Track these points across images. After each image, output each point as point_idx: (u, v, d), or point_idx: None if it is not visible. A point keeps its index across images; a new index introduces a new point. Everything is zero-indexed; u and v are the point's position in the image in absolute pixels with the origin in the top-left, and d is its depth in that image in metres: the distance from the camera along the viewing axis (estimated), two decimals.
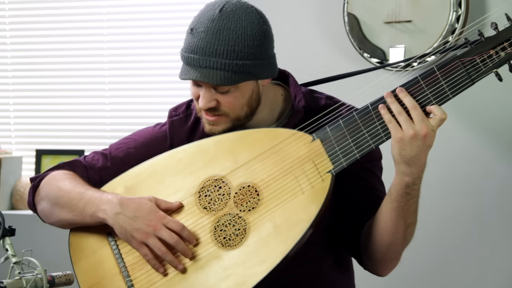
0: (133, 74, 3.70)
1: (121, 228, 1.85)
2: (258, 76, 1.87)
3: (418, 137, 1.73)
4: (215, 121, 1.90)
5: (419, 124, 1.73)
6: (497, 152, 3.09)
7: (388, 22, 3.10)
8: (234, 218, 1.84)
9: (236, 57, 1.82)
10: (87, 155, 2.08)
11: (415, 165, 1.75)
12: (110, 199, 1.87)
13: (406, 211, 1.82)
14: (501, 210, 3.09)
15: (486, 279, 3.11)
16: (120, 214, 1.84)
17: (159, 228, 1.81)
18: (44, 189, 2.01)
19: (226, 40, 1.81)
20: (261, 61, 1.86)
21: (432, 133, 1.74)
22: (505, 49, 1.73)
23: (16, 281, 1.79)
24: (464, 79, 1.75)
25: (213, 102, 1.87)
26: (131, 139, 2.07)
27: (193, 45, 1.83)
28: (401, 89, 1.77)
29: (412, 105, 1.74)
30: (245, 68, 1.83)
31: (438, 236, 3.14)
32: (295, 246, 1.78)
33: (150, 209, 1.83)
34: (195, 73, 1.82)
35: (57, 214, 1.98)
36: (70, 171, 2.03)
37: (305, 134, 1.85)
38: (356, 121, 1.81)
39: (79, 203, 1.92)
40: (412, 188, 1.79)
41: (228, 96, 1.87)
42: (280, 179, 1.84)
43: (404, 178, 1.77)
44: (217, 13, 1.83)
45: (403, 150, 1.74)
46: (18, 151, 3.82)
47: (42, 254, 2.07)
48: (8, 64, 3.82)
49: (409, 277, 3.12)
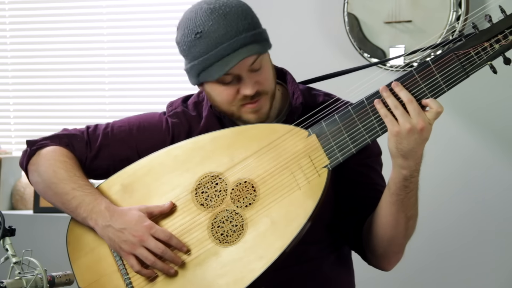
0: (133, 74, 3.70)
1: (110, 240, 1.87)
2: (270, 43, 1.92)
3: (415, 130, 1.73)
4: (258, 105, 1.90)
5: (416, 118, 1.73)
6: (497, 151, 3.09)
7: (388, 22, 3.10)
8: (231, 214, 1.84)
9: (253, 27, 1.86)
10: (89, 126, 2.08)
11: (412, 158, 1.76)
12: (102, 211, 1.88)
13: (405, 204, 1.83)
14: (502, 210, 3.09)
15: (486, 278, 3.10)
16: (109, 226, 1.86)
17: (146, 238, 1.82)
18: (39, 162, 2.01)
19: (236, 18, 1.84)
20: (264, 29, 1.92)
21: (429, 126, 1.74)
22: (499, 41, 1.73)
23: (16, 281, 1.79)
24: (458, 72, 1.75)
25: (256, 84, 1.88)
26: (135, 121, 2.07)
27: (213, 41, 1.84)
28: (397, 83, 1.77)
29: (408, 99, 1.74)
30: (263, 35, 1.89)
31: (438, 236, 3.13)
32: (292, 242, 1.78)
33: (137, 220, 1.84)
34: (235, 58, 1.83)
35: (49, 197, 2.00)
36: (69, 149, 2.03)
37: (301, 130, 1.85)
38: (352, 116, 1.81)
39: (72, 201, 1.93)
40: (410, 181, 1.79)
41: (262, 71, 1.89)
42: (276, 175, 1.84)
43: (401, 171, 1.78)
44: (207, 7, 1.86)
45: (400, 144, 1.74)
46: (18, 151, 3.82)
47: (42, 254, 2.07)
48: (8, 64, 3.83)
49: (406, 275, 3.11)
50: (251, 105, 1.90)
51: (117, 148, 2.02)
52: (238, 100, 1.90)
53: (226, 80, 1.88)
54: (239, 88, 1.88)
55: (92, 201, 1.90)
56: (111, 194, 1.96)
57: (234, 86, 1.88)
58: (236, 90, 1.88)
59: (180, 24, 1.92)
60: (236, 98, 1.89)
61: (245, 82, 1.87)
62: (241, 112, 1.91)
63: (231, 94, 1.89)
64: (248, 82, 1.87)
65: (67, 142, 2.03)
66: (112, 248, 1.89)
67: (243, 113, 1.91)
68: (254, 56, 1.85)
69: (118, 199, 1.94)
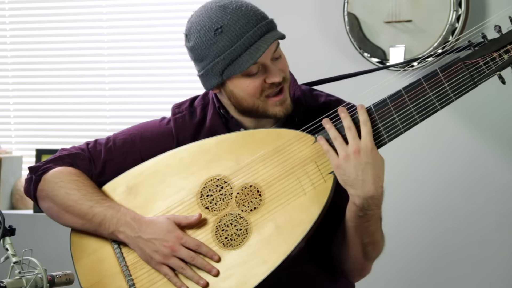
0: (133, 74, 3.69)
1: (141, 250, 1.86)
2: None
3: (350, 155, 1.75)
4: (284, 96, 1.90)
5: (351, 143, 1.75)
6: (498, 152, 3.10)
7: (388, 21, 3.10)
8: (236, 218, 1.84)
9: (267, 16, 1.89)
10: (88, 142, 2.05)
11: (360, 187, 1.75)
12: (129, 222, 1.87)
13: (360, 232, 1.84)
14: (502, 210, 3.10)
15: (486, 278, 3.12)
16: (139, 238, 1.86)
17: (177, 248, 1.82)
18: (48, 187, 1.99)
19: (251, 9, 1.87)
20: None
21: (365, 148, 1.75)
22: (508, 51, 1.73)
23: (16, 280, 1.79)
24: (467, 82, 1.75)
25: (281, 71, 1.89)
26: (136, 131, 2.05)
27: (237, 31, 1.84)
28: (342, 109, 1.80)
29: (347, 126, 1.77)
30: (275, 23, 1.91)
31: (437, 236, 3.14)
32: (296, 247, 1.79)
33: (167, 230, 1.84)
34: (264, 43, 1.83)
35: (66, 219, 1.97)
36: (73, 167, 2.00)
37: (307, 135, 1.85)
38: (358, 124, 1.80)
39: (94, 219, 1.91)
40: (365, 212, 1.79)
41: (282, 59, 1.91)
42: (282, 180, 1.84)
43: (354, 200, 1.78)
44: (217, 5, 1.86)
45: (344, 175, 1.76)
46: (18, 151, 3.81)
47: (42, 253, 2.06)
48: (8, 64, 3.81)
49: (409, 275, 3.12)
50: (276, 98, 1.89)
51: (122, 161, 1.99)
52: (265, 91, 1.88)
53: (252, 71, 1.87)
54: (265, 78, 1.87)
55: (115, 214, 1.89)
56: (115, 195, 1.95)
57: (260, 77, 1.87)
58: (262, 80, 1.87)
59: (190, 30, 1.90)
60: (263, 89, 1.88)
61: (271, 70, 1.87)
62: (267, 106, 1.90)
63: (257, 86, 1.88)
64: (275, 69, 1.87)
65: (71, 162, 2.01)
66: (143, 259, 1.87)
67: (270, 107, 1.90)
68: (276, 42, 1.87)
69: (122, 200, 1.94)
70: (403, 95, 1.79)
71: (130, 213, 1.89)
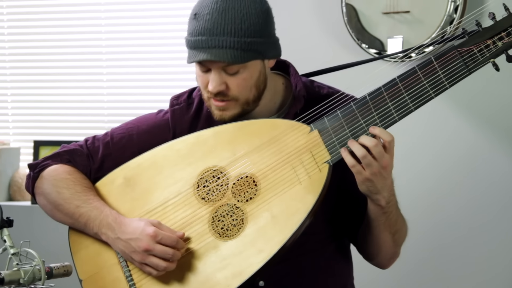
0: (131, 65, 3.68)
1: (121, 251, 1.87)
2: (265, 55, 1.86)
3: (381, 171, 1.77)
4: (225, 106, 1.88)
5: (380, 160, 1.76)
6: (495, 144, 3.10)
7: (386, 12, 3.09)
8: (232, 208, 1.84)
9: (243, 34, 1.81)
10: (87, 139, 2.06)
11: (385, 190, 1.80)
12: (110, 224, 1.88)
13: (387, 225, 1.88)
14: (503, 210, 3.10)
15: (486, 278, 3.12)
16: (118, 239, 1.86)
17: (152, 248, 1.81)
18: (44, 185, 2.00)
19: (232, 18, 1.81)
20: (267, 39, 1.86)
21: (390, 159, 1.78)
22: (502, 38, 1.73)
23: (14, 272, 1.80)
24: (461, 69, 1.76)
25: (223, 85, 1.85)
26: (133, 125, 2.06)
27: (199, 28, 1.82)
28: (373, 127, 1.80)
29: (373, 144, 1.77)
30: (253, 46, 1.82)
31: (436, 233, 3.15)
32: (292, 236, 1.79)
33: (142, 229, 1.83)
34: (204, 54, 1.81)
35: (58, 217, 1.99)
36: (70, 164, 2.01)
37: (303, 125, 1.86)
38: (354, 112, 1.81)
39: (80, 220, 1.92)
40: (388, 206, 1.83)
41: (237, 77, 1.85)
42: (277, 170, 1.84)
43: (379, 203, 1.82)
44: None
45: (372, 186, 1.79)
46: (16, 142, 3.81)
47: (40, 245, 2.07)
48: (6, 55, 3.81)
49: (406, 267, 3.12)
50: (217, 103, 1.89)
51: (120, 156, 2.00)
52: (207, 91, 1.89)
53: (201, 68, 1.87)
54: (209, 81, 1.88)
55: (98, 215, 1.90)
56: (114, 187, 1.96)
57: (207, 76, 1.87)
58: (208, 81, 1.87)
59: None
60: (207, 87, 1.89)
61: (212, 78, 1.85)
62: (210, 103, 1.91)
63: (204, 82, 1.89)
64: (214, 80, 1.85)
65: (69, 159, 2.02)
66: (126, 259, 1.88)
67: (211, 105, 1.91)
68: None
69: (120, 192, 1.94)
70: (397, 83, 1.80)
71: (113, 214, 1.89)
